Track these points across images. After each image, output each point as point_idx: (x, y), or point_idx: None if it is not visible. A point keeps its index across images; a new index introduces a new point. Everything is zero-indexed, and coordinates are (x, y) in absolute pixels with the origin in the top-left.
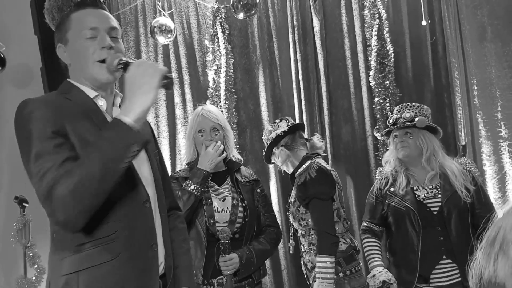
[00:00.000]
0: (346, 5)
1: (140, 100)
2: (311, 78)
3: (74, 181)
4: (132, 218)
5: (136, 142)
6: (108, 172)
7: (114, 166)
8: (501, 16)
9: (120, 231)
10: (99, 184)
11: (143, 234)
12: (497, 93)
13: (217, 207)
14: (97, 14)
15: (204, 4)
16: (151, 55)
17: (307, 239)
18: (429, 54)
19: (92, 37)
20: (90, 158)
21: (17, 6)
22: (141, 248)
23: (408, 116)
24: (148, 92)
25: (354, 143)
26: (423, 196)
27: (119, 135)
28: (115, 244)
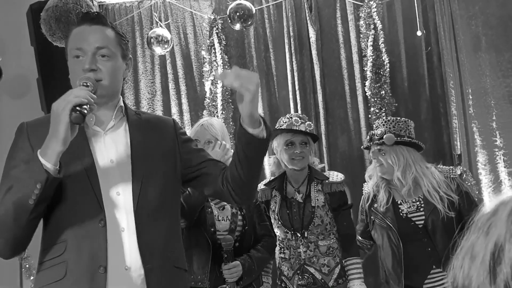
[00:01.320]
0: (341, 16)
1: (51, 140)
2: (308, 88)
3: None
4: (81, 239)
5: (40, 181)
6: (18, 208)
7: (23, 203)
8: (495, 26)
9: (67, 251)
10: (13, 219)
11: (91, 256)
12: (492, 103)
13: (217, 215)
14: (88, 33)
15: (201, 15)
16: (148, 65)
17: (326, 243)
18: (424, 64)
19: (78, 56)
20: (8, 194)
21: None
22: (88, 271)
23: (379, 133)
24: (55, 133)
25: (350, 152)
26: (406, 210)
27: (29, 171)
28: (63, 265)
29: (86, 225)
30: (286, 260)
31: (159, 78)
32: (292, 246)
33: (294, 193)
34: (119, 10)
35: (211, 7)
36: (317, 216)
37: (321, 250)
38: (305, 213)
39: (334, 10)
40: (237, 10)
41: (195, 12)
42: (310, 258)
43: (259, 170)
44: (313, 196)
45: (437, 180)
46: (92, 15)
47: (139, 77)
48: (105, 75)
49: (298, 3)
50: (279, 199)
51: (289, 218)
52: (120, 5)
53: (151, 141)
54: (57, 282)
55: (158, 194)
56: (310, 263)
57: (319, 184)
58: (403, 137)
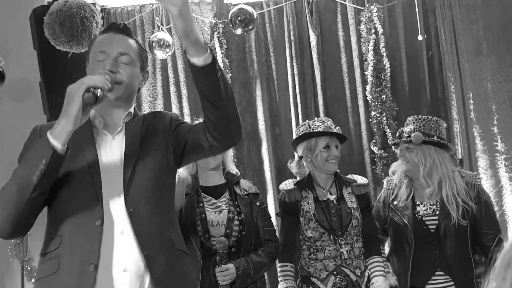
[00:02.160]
0: (342, 20)
1: (62, 119)
2: (308, 92)
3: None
4: (76, 236)
5: (45, 157)
6: (22, 184)
7: (27, 180)
8: (496, 31)
9: (62, 247)
10: (17, 194)
11: (84, 253)
12: (493, 107)
13: (212, 220)
14: (112, 38)
15: (202, 19)
16: (150, 69)
17: (359, 245)
18: (425, 68)
19: (102, 60)
20: (14, 171)
21: (16, 20)
22: (78, 267)
23: (408, 130)
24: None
25: (351, 156)
26: (422, 212)
27: (37, 149)
28: (56, 260)
29: (83, 222)
30: (318, 261)
31: (161, 82)
32: (327, 248)
33: (325, 195)
34: (121, 14)
35: (212, 11)
36: (355, 217)
37: (355, 252)
38: (342, 214)
39: (335, 14)
40: (238, 15)
41: (197, 16)
42: (346, 259)
43: (225, 102)
44: (347, 198)
45: (457, 186)
46: (119, 25)
47: None
48: (124, 78)
49: (299, 7)
50: (312, 199)
51: (327, 219)
52: (122, 9)
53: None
54: (50, 276)
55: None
56: (346, 265)
57: (349, 187)
58: (433, 136)
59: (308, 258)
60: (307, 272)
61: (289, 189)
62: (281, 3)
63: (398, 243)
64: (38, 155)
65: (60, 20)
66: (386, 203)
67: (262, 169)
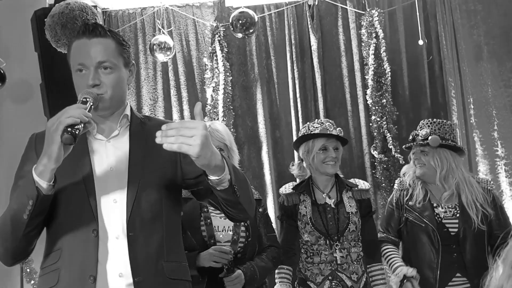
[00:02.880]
0: (343, 24)
1: (44, 157)
2: (309, 96)
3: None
4: (73, 248)
5: (31, 198)
6: (14, 221)
7: (18, 217)
8: (497, 36)
9: (61, 260)
10: (11, 231)
11: (82, 265)
12: (493, 112)
13: (218, 226)
14: (89, 47)
15: (203, 22)
16: (150, 72)
17: (357, 250)
18: (425, 73)
19: (81, 71)
20: (8, 206)
21: (17, 22)
22: (77, 280)
23: (424, 133)
24: (48, 152)
25: (351, 160)
26: (442, 215)
27: (24, 187)
28: (56, 273)
29: (79, 234)
30: (314, 265)
31: (161, 85)
32: (324, 252)
33: (324, 199)
34: (122, 17)
35: (214, 15)
36: (352, 222)
37: (352, 257)
38: (340, 219)
39: (336, 18)
40: (239, 18)
41: (198, 19)
42: (342, 264)
43: (241, 205)
44: (346, 203)
45: (475, 191)
46: (91, 27)
47: (141, 83)
48: (108, 88)
49: (300, 11)
50: (310, 203)
51: (324, 223)
52: (123, 12)
53: (152, 150)
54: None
55: (153, 203)
56: (341, 270)
57: (349, 191)
58: (448, 140)
59: (305, 262)
60: (304, 276)
61: (288, 193)
62: (282, 7)
63: (419, 244)
64: (26, 194)
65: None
66: (399, 204)
67: (262, 172)
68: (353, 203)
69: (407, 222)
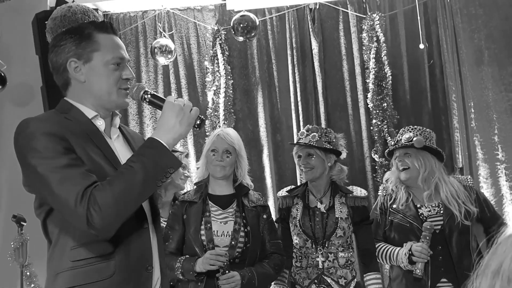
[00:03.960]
0: (344, 28)
1: (178, 130)
2: (310, 99)
3: (116, 189)
4: (130, 238)
5: (174, 165)
6: (147, 187)
7: (153, 184)
8: (498, 40)
9: (116, 251)
10: (138, 196)
11: (139, 256)
12: (494, 116)
13: (217, 231)
14: (122, 45)
15: (204, 26)
16: (151, 75)
17: (345, 255)
18: (426, 77)
19: (118, 65)
20: (132, 171)
21: (18, 25)
22: (136, 270)
23: (407, 137)
24: (185, 125)
25: (352, 164)
26: (426, 213)
27: (160, 155)
28: (110, 264)
29: (132, 226)
30: (302, 269)
31: (162, 88)
32: (311, 255)
33: (317, 203)
34: (123, 20)
35: (215, 18)
36: (340, 228)
37: (340, 262)
38: (328, 223)
39: (337, 22)
40: (241, 22)
41: (199, 22)
42: (329, 268)
43: None
44: (337, 208)
45: (456, 189)
46: (112, 25)
47: None
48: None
49: (301, 14)
50: (301, 206)
51: (311, 226)
52: (124, 15)
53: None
54: (103, 281)
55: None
56: (328, 274)
57: (343, 197)
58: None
59: (295, 265)
60: (293, 279)
61: (283, 195)
62: (283, 11)
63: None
64: (164, 163)
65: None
66: (383, 208)
67: (263, 175)
68: (344, 209)
69: (392, 224)
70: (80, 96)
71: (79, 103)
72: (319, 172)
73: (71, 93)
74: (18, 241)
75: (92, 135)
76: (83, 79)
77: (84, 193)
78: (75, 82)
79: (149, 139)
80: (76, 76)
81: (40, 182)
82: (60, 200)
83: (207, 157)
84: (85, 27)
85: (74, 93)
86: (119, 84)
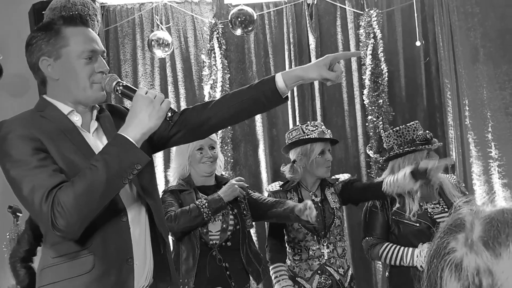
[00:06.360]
0: (341, 24)
1: (147, 124)
2: (306, 95)
3: (78, 190)
4: (107, 232)
5: (140, 162)
6: (111, 186)
7: (118, 182)
8: (493, 39)
9: (94, 245)
10: (101, 195)
11: (118, 249)
12: (488, 114)
13: None
14: (93, 36)
15: (202, 19)
16: (148, 68)
17: (342, 245)
18: (422, 74)
19: (90, 59)
20: (95, 170)
21: (15, 15)
22: (115, 263)
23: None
24: (155, 119)
25: (347, 160)
26: (431, 211)
27: (126, 152)
28: (89, 258)
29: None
30: (302, 261)
31: (159, 81)
32: (311, 247)
33: (310, 197)
34: (120, 12)
35: (212, 12)
36: (337, 217)
37: (338, 251)
38: (326, 215)
39: (335, 18)
40: (238, 16)
41: (196, 16)
42: (329, 258)
43: None
44: (330, 199)
45: (451, 185)
46: (84, 18)
47: (139, 79)
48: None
49: (298, 10)
50: (296, 201)
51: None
52: (121, 7)
53: None
54: (82, 275)
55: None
56: (329, 264)
57: (332, 187)
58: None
59: (293, 259)
60: (292, 273)
61: (274, 190)
62: (281, 5)
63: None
64: (130, 160)
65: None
66: (385, 207)
67: (258, 170)
68: (336, 198)
69: (398, 225)
70: (56, 93)
71: (56, 100)
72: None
73: (49, 91)
74: (14, 232)
75: (67, 131)
76: (56, 76)
77: (48, 194)
78: (50, 80)
79: (116, 135)
80: (49, 74)
81: (13, 185)
82: (27, 203)
83: (193, 156)
84: (53, 23)
85: (51, 90)
86: (93, 78)
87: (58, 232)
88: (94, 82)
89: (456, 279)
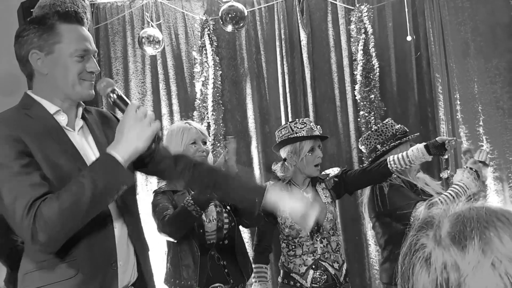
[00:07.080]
0: (333, 19)
1: (135, 144)
2: (298, 91)
3: (63, 205)
4: (92, 237)
5: (126, 183)
6: (96, 203)
7: (103, 200)
8: (484, 33)
9: (79, 250)
10: (85, 213)
11: (102, 253)
12: (479, 108)
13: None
14: (87, 35)
15: (193, 16)
16: (139, 65)
17: (336, 239)
18: (413, 69)
19: (82, 57)
20: (81, 187)
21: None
22: (100, 267)
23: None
24: (143, 139)
25: (339, 155)
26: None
27: (113, 173)
28: (74, 263)
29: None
30: (296, 257)
31: (150, 78)
32: (305, 243)
33: (303, 194)
34: (110, 9)
35: (203, 8)
36: (329, 212)
37: (332, 246)
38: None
39: (326, 13)
40: (229, 12)
41: (187, 12)
42: (324, 253)
43: None
44: (321, 194)
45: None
46: (79, 15)
47: (130, 76)
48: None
49: (289, 6)
50: None
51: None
52: (111, 4)
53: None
54: (67, 280)
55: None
56: (324, 259)
57: (322, 183)
58: None
59: (287, 255)
60: (287, 269)
61: None
62: (272, 1)
63: None
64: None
65: None
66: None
67: (251, 167)
68: (327, 193)
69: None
70: (43, 89)
71: (42, 98)
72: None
73: (35, 86)
74: None
75: (53, 132)
76: (45, 71)
77: (31, 206)
78: (38, 74)
79: (104, 153)
80: (38, 68)
81: None
82: (8, 212)
83: (187, 150)
84: (48, 18)
85: (37, 85)
86: (82, 76)
87: (37, 245)
88: (83, 79)
89: (426, 273)
